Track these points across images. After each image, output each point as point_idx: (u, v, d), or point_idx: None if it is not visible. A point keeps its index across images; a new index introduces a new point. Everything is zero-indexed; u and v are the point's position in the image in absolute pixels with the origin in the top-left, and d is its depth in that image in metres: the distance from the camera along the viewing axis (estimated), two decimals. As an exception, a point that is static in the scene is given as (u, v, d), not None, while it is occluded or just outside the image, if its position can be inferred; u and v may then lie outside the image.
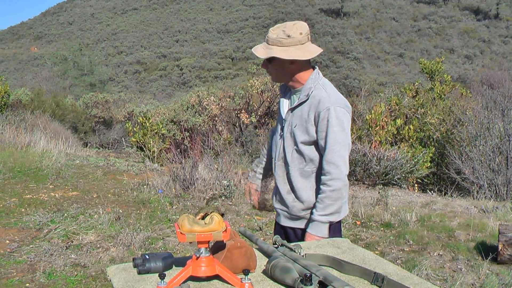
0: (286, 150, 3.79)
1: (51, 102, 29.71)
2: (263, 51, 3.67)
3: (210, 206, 2.48)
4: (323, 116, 3.56)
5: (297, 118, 3.71)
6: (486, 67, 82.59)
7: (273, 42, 3.63)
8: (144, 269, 2.47)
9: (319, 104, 3.60)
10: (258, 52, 3.68)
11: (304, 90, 3.70)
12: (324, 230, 3.60)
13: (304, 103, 3.69)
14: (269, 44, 3.65)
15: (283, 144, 3.82)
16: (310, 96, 3.66)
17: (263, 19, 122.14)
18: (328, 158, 3.58)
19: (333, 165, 3.56)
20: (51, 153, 13.96)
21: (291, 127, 3.75)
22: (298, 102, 3.72)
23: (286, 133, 3.80)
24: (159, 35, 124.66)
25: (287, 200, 3.85)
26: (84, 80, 58.79)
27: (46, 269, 6.61)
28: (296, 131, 3.70)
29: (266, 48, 3.66)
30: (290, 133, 3.75)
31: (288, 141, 3.78)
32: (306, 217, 3.80)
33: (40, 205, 9.56)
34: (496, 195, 14.00)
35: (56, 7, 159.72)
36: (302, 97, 3.69)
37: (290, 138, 3.77)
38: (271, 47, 3.63)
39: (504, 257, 7.78)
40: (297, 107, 3.74)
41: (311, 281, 2.14)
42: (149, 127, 17.56)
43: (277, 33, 3.63)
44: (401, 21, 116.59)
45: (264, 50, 3.67)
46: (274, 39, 3.62)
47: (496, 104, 15.90)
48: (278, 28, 3.66)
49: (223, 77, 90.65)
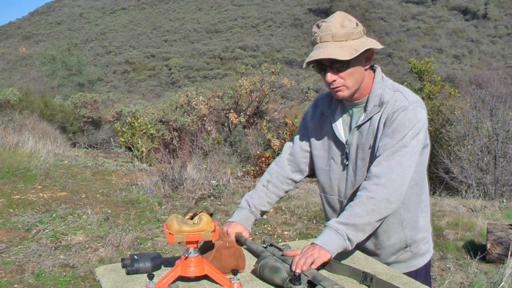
0: (360, 182, 2.83)
1: (40, 102, 29.65)
2: (346, 50, 2.67)
3: (199, 206, 2.48)
4: (396, 116, 2.72)
5: (369, 137, 2.82)
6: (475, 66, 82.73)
7: (346, 35, 2.69)
8: (132, 269, 2.46)
9: (394, 106, 2.75)
10: (342, 54, 2.66)
11: (372, 99, 2.83)
12: (333, 244, 2.51)
13: (376, 114, 2.80)
14: (339, 40, 2.69)
15: (354, 177, 2.90)
16: (383, 104, 2.79)
17: (252, 18, 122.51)
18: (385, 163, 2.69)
19: (387, 170, 2.66)
20: (40, 153, 13.91)
21: (363, 151, 2.84)
22: (368, 115, 2.81)
23: (355, 160, 2.89)
24: (148, 35, 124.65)
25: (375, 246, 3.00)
26: (73, 80, 58.58)
27: (35, 269, 6.58)
28: (372, 153, 2.80)
29: (341, 46, 2.68)
30: (363, 159, 2.85)
31: (362, 170, 2.86)
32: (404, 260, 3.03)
33: (28, 206, 9.52)
34: (484, 194, 14.06)
35: (44, 7, 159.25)
36: (372, 109, 2.81)
37: (363, 166, 2.85)
38: (346, 43, 2.69)
39: (492, 256, 7.81)
40: (364, 123, 2.84)
41: (300, 281, 2.14)
42: (138, 127, 17.51)
43: (342, 24, 2.71)
44: (390, 21, 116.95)
45: (345, 48, 2.67)
46: (346, 32, 2.70)
47: (485, 104, 15.96)
48: (337, 20, 2.74)
49: (212, 77, 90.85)
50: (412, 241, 2.97)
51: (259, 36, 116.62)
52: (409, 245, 2.97)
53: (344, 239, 2.53)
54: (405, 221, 2.91)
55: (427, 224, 3.10)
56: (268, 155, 14.43)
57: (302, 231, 8.78)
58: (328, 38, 2.69)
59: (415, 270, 2.98)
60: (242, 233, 2.95)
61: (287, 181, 3.22)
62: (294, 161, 3.19)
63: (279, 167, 3.22)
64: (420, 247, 3.03)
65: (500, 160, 14.60)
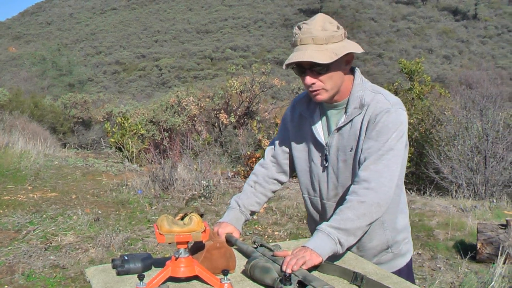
0: (342, 184, 2.90)
1: (30, 102, 29.60)
2: (327, 53, 2.66)
3: (189, 207, 2.47)
4: (379, 119, 2.72)
5: (350, 139, 2.82)
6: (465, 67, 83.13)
7: (326, 38, 2.68)
8: (123, 270, 2.45)
9: (376, 108, 2.74)
10: (322, 57, 2.65)
11: (353, 101, 2.82)
12: (325, 247, 2.51)
13: (357, 116, 2.80)
14: (320, 43, 2.68)
15: (336, 178, 2.92)
16: (363, 106, 2.78)
17: (243, 19, 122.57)
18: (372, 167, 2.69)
19: (376, 174, 2.66)
20: (30, 154, 13.88)
21: (344, 153, 2.85)
22: (348, 117, 2.81)
23: (336, 162, 2.90)
24: (138, 35, 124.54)
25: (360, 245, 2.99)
26: (63, 80, 58.60)
27: (25, 270, 6.56)
28: (354, 155, 2.81)
29: (321, 50, 2.67)
30: (345, 161, 2.86)
31: (344, 172, 2.88)
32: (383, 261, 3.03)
33: (18, 206, 9.50)
34: (474, 194, 14.10)
35: (34, 7, 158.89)
36: (353, 111, 2.80)
37: (345, 168, 2.87)
38: (327, 46, 2.69)
39: (482, 255, 7.83)
40: (345, 125, 2.84)
41: (291, 281, 2.14)
42: (128, 127, 17.49)
43: (323, 27, 2.71)
44: (380, 21, 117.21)
45: (325, 52, 2.67)
46: (326, 35, 2.69)
47: (475, 104, 16.00)
48: (318, 22, 2.74)
49: (202, 77, 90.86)
50: (394, 242, 2.98)
51: (250, 36, 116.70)
52: (390, 246, 2.98)
53: (336, 243, 2.53)
54: (386, 222, 2.92)
55: (407, 224, 3.12)
56: (259, 155, 14.42)
57: (292, 232, 8.78)
58: (309, 40, 2.70)
59: (398, 270, 2.97)
60: (233, 233, 2.94)
61: (273, 181, 3.23)
62: (277, 163, 3.21)
63: (264, 168, 3.24)
64: (401, 248, 3.04)
65: (490, 160, 14.64)
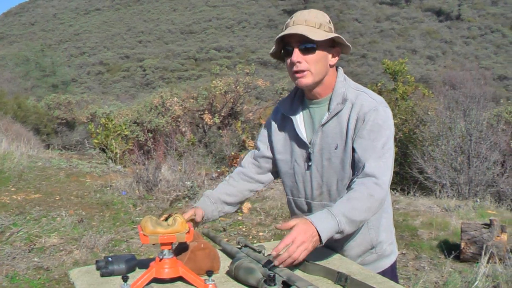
0: (327, 183, 2.86)
1: (13, 103, 29.49)
2: (318, 33, 2.67)
3: (173, 208, 2.46)
4: (369, 117, 2.69)
5: (335, 137, 2.78)
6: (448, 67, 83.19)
7: (319, 25, 2.71)
8: (107, 271, 2.45)
9: (363, 106, 2.72)
10: (314, 35, 2.64)
11: (335, 97, 2.79)
12: (329, 232, 2.41)
13: (340, 113, 2.77)
14: (312, 26, 2.70)
15: (320, 177, 2.87)
16: (346, 101, 2.76)
17: (227, 19, 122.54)
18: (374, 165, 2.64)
19: (381, 171, 2.62)
20: (13, 155, 13.81)
21: (329, 151, 2.81)
22: (331, 114, 2.77)
23: (320, 161, 2.85)
24: (122, 35, 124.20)
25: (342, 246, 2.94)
26: (46, 81, 58.35)
27: (9, 272, 6.54)
28: (340, 153, 2.77)
29: (313, 30, 2.67)
30: (329, 159, 2.81)
31: (329, 171, 2.83)
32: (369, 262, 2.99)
33: (2, 208, 9.45)
34: (458, 194, 14.15)
35: (18, 7, 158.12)
36: (336, 106, 2.76)
37: (329, 167, 2.82)
38: (318, 29, 2.70)
39: (466, 255, 7.87)
40: (328, 122, 2.80)
41: (275, 282, 2.14)
42: (112, 128, 17.46)
43: (315, 16, 2.74)
44: (364, 22, 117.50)
45: (316, 31, 2.67)
46: (319, 21, 2.73)
47: (458, 104, 16.06)
48: (312, 12, 2.77)
49: (186, 78, 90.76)
50: (377, 242, 2.95)
51: (234, 37, 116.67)
52: (374, 246, 2.95)
53: (338, 231, 2.44)
54: (370, 222, 2.87)
55: (391, 225, 3.09)
56: (243, 156, 14.43)
57: (277, 232, 8.78)
58: (301, 22, 2.70)
59: (382, 271, 2.92)
60: (195, 214, 2.83)
61: (249, 180, 3.15)
62: (258, 166, 3.16)
63: (243, 167, 3.19)
64: (385, 248, 3.02)
65: (473, 160, 14.70)
